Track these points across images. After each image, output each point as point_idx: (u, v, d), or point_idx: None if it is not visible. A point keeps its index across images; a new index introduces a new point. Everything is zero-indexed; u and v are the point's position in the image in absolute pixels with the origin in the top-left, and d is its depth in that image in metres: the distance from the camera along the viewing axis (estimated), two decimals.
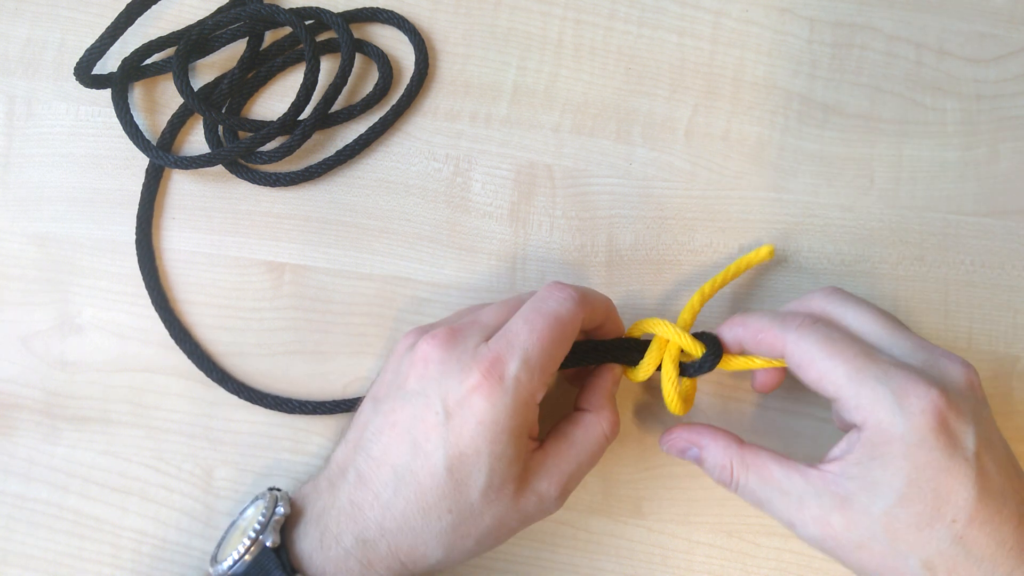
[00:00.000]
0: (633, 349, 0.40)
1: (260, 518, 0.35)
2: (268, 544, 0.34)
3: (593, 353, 0.39)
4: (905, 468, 0.33)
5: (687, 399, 0.40)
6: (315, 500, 0.36)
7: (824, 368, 0.35)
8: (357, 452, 0.36)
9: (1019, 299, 0.45)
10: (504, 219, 0.45)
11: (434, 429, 0.34)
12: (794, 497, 0.35)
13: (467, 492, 0.34)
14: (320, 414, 0.43)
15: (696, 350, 0.39)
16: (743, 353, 0.39)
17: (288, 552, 0.35)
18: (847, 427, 0.36)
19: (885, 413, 0.34)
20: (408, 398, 0.35)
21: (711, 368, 0.39)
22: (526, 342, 0.35)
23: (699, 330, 0.40)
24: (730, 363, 0.39)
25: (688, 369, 0.39)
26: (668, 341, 0.39)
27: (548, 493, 0.36)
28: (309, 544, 0.35)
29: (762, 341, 0.38)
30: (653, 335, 0.40)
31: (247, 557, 0.34)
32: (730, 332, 0.39)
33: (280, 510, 0.36)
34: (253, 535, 0.35)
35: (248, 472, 0.44)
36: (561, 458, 0.37)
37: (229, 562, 0.34)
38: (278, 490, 0.38)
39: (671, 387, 0.39)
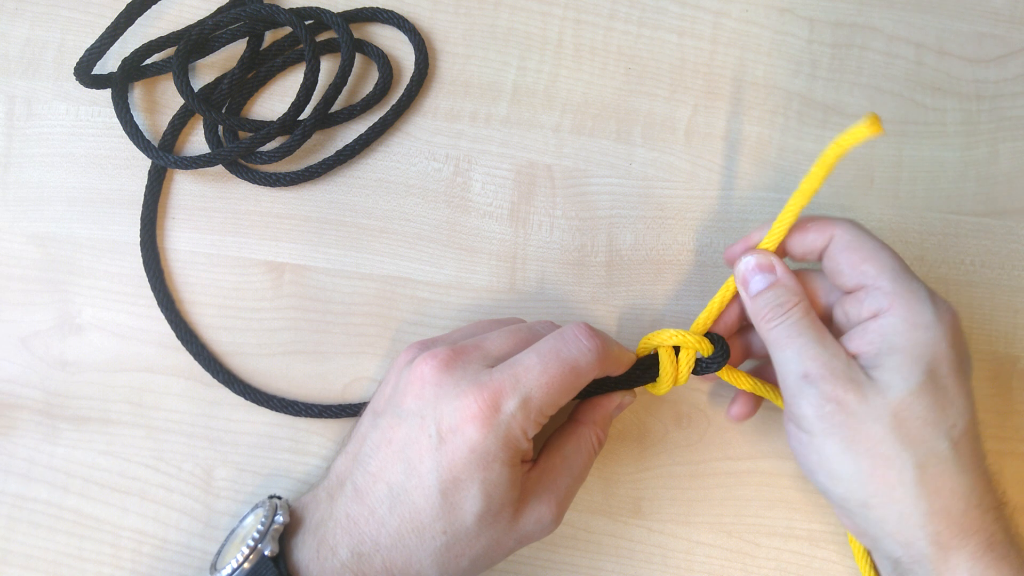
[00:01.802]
0: (646, 370, 0.40)
1: (259, 527, 0.35)
2: (267, 553, 0.34)
3: (606, 385, 0.39)
4: (926, 358, 0.34)
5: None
6: (314, 510, 0.36)
7: (872, 254, 0.36)
8: (355, 466, 0.36)
9: (1019, 299, 0.45)
10: (504, 219, 0.45)
11: (427, 452, 0.34)
12: (828, 354, 0.35)
13: (462, 516, 0.34)
14: (325, 417, 0.43)
15: (704, 348, 0.39)
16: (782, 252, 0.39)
17: (285, 561, 0.35)
18: (858, 318, 0.36)
19: (917, 302, 0.35)
20: (404, 417, 0.35)
21: (720, 367, 0.39)
22: (533, 383, 0.35)
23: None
24: (738, 380, 0.40)
25: (698, 366, 0.40)
26: (675, 350, 0.39)
27: (546, 514, 0.36)
28: (306, 554, 0.35)
29: (810, 228, 0.37)
30: (659, 347, 0.40)
31: (246, 565, 0.34)
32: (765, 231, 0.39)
33: (279, 519, 0.36)
34: (252, 543, 0.35)
35: (248, 472, 0.44)
36: (556, 475, 0.37)
37: (228, 570, 0.35)
38: (278, 498, 0.38)
39: (685, 377, 0.40)
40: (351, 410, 0.43)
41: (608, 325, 0.45)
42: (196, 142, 0.46)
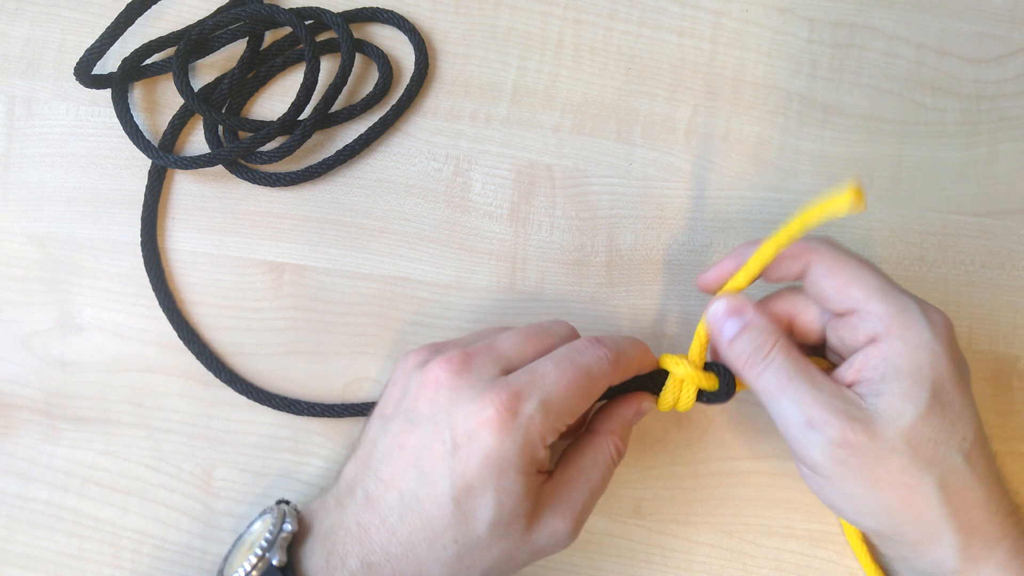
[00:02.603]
0: (655, 380, 0.39)
1: (267, 535, 0.35)
2: (274, 563, 0.34)
3: (627, 385, 0.39)
4: (931, 379, 0.34)
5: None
6: (323, 518, 0.36)
7: (855, 276, 0.35)
8: (366, 472, 0.35)
9: (1019, 299, 0.45)
10: (504, 219, 0.45)
11: (441, 459, 0.34)
12: (825, 395, 0.34)
13: (474, 525, 0.34)
14: (327, 416, 0.43)
15: (711, 385, 0.38)
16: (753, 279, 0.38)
17: (294, 570, 0.34)
18: (854, 343, 0.36)
19: (912, 321, 0.34)
20: (417, 422, 0.35)
21: (726, 400, 0.39)
22: (550, 385, 0.34)
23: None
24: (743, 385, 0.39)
25: (703, 397, 0.39)
26: (683, 380, 0.38)
27: (561, 528, 0.35)
28: (316, 564, 0.34)
29: (785, 256, 0.36)
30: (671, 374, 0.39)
31: (254, 574, 0.34)
32: (746, 253, 0.37)
33: (287, 527, 0.35)
34: (260, 552, 0.34)
35: (248, 472, 0.44)
36: (572, 487, 0.36)
37: None
38: (286, 503, 0.37)
39: (688, 406, 0.39)
40: (353, 410, 0.43)
41: (608, 325, 0.45)
42: (196, 142, 0.46)
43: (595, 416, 0.39)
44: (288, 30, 0.46)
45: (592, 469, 0.37)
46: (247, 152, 0.44)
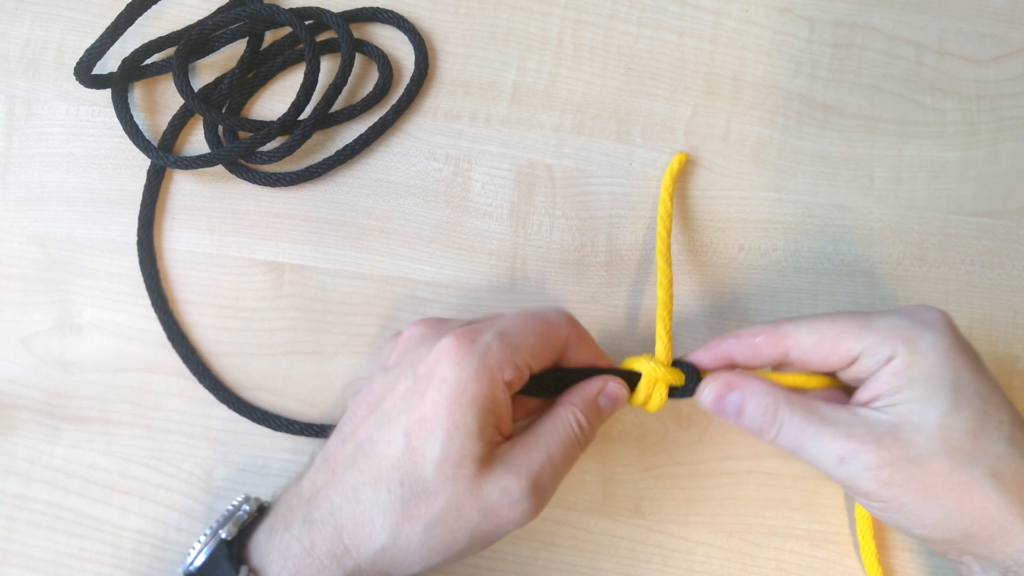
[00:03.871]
0: (627, 377, 0.39)
1: (224, 513, 0.36)
2: (223, 536, 0.35)
3: (588, 374, 0.39)
4: (947, 374, 0.34)
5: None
6: (282, 495, 0.37)
7: (837, 332, 0.36)
8: (331, 439, 0.36)
9: (1019, 299, 0.45)
10: (504, 219, 0.45)
11: (402, 397, 0.34)
12: (842, 427, 0.35)
13: (421, 463, 0.33)
14: (308, 436, 0.43)
15: (679, 381, 0.39)
16: (730, 367, 0.39)
17: (240, 543, 0.35)
18: (872, 373, 0.36)
19: (909, 331, 0.35)
20: (387, 373, 0.36)
21: (692, 394, 0.39)
22: (508, 323, 0.36)
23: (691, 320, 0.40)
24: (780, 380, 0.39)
25: (674, 392, 0.39)
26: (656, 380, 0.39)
27: (515, 486, 0.34)
28: (262, 534, 0.35)
29: (760, 344, 0.37)
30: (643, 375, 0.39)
31: (205, 549, 0.35)
32: (720, 346, 0.38)
33: (246, 507, 0.37)
34: (214, 527, 0.35)
35: (248, 472, 0.44)
36: (528, 448, 0.35)
37: (190, 557, 0.35)
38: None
39: (659, 406, 0.39)
40: (328, 431, 0.43)
41: (608, 325, 0.45)
42: (196, 142, 0.46)
43: (561, 395, 0.38)
44: (288, 30, 0.46)
45: (551, 435, 0.36)
46: (247, 152, 0.44)
